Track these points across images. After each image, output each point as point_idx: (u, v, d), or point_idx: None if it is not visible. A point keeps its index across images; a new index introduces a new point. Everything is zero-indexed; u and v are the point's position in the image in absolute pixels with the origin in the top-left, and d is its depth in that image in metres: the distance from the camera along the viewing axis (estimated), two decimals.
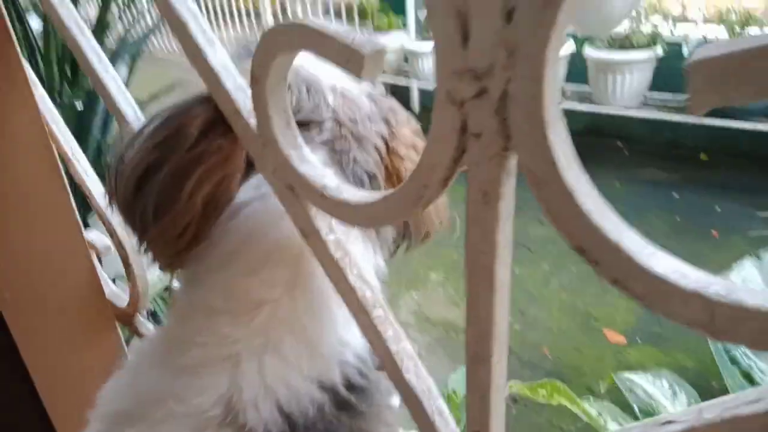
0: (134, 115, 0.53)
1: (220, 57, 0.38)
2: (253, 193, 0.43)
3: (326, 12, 4.65)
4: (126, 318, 0.72)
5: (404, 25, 4.15)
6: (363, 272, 0.37)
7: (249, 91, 0.37)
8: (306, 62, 0.47)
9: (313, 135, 0.44)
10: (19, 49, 0.56)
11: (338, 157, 0.45)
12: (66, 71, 1.51)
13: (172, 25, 0.38)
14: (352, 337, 0.43)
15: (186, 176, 0.41)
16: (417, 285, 2.75)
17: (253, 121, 0.37)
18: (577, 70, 3.37)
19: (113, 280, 0.77)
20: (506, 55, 0.23)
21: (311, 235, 0.37)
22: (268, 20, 5.26)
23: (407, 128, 0.51)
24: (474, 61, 0.24)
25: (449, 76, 0.25)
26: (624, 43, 3.16)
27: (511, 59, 0.23)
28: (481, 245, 0.28)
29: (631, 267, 0.23)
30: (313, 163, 0.36)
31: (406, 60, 4.06)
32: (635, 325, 2.32)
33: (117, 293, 0.74)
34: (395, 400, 0.47)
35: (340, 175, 0.45)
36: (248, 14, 5.54)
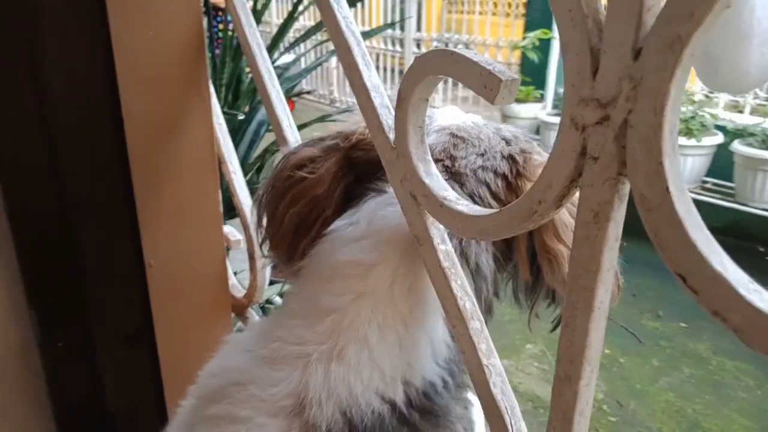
0: (288, 126, 0.62)
1: (373, 78, 0.44)
2: (342, 223, 0.50)
3: None
4: (240, 308, 0.80)
5: (542, 97, 4.25)
6: (466, 285, 0.40)
7: (392, 110, 0.42)
8: (435, 112, 0.54)
9: None
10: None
11: None
12: (230, 94, 1.78)
13: (339, 47, 0.45)
14: (421, 362, 0.45)
15: (281, 198, 0.53)
16: (510, 354, 2.65)
17: (391, 136, 0.42)
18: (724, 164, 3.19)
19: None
20: (630, 88, 0.26)
21: (425, 242, 0.41)
22: None
23: (540, 168, 0.53)
24: (600, 91, 0.27)
25: (576, 103, 0.28)
26: None
27: (634, 92, 0.26)
28: (585, 265, 0.30)
29: (731, 298, 0.24)
30: (437, 177, 0.40)
31: (537, 131, 4.11)
32: None
33: (236, 285, 0.82)
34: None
35: None
36: (393, 71, 5.88)
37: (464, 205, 0.37)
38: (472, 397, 0.49)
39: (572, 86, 0.28)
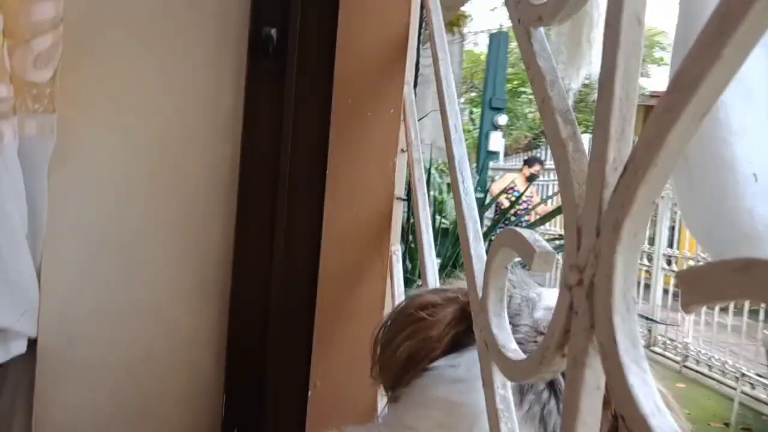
0: (433, 275, 0.76)
1: (479, 250, 0.56)
2: (444, 363, 0.60)
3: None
4: None
5: None
6: (515, 429, 0.45)
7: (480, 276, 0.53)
8: (544, 292, 0.63)
9: None
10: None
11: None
12: (443, 272, 2.04)
13: (459, 222, 0.58)
14: None
15: (400, 331, 0.64)
16: None
17: (480, 294, 0.52)
18: None
19: None
20: (594, 258, 0.33)
21: (488, 384, 0.47)
22: (657, 294, 5.40)
23: None
24: (579, 260, 0.35)
25: (568, 269, 0.36)
26: None
27: (596, 261, 0.33)
28: (570, 407, 0.35)
29: None
30: (505, 330, 0.48)
31: None
32: None
33: None
34: None
35: None
36: (639, 284, 5.68)
37: (512, 352, 0.44)
38: None
39: (567, 256, 0.36)
